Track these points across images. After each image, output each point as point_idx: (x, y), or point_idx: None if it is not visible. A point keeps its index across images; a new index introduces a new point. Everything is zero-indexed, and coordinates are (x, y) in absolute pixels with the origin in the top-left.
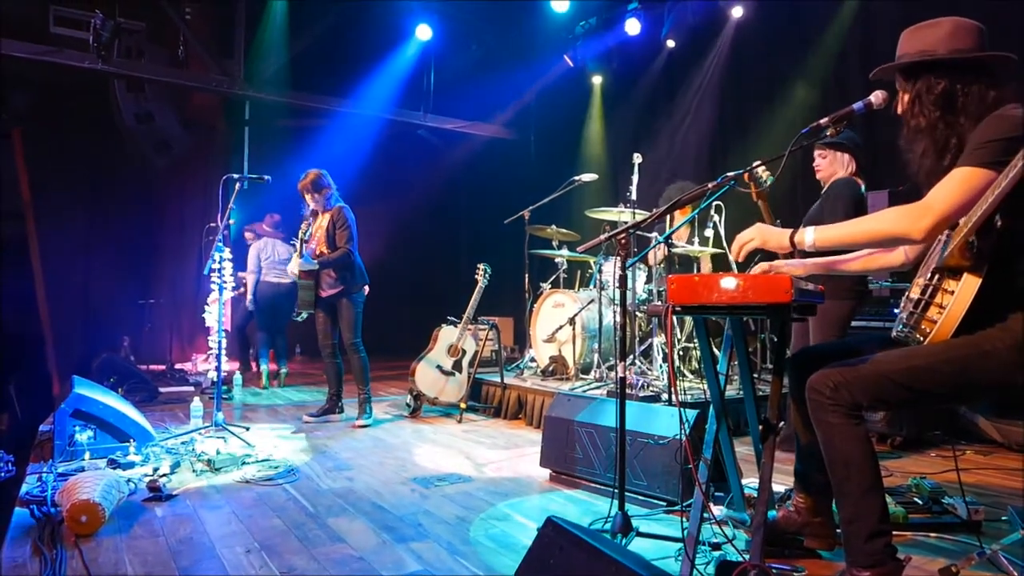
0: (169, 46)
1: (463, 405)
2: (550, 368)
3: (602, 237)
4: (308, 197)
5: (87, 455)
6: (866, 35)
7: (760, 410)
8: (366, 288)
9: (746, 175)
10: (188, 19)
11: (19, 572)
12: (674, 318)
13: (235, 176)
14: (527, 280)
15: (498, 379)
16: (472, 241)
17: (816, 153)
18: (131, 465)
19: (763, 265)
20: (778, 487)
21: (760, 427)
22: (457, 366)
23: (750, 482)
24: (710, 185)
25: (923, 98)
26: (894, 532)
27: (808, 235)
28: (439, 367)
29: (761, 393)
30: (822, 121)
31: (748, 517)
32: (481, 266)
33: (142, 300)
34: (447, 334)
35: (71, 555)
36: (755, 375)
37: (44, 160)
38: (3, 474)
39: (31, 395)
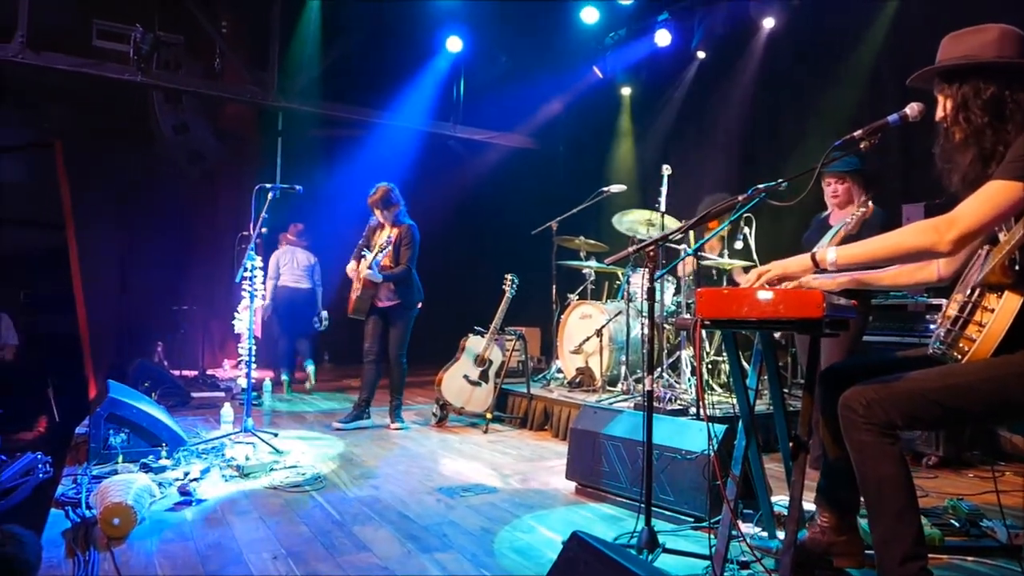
0: (205, 58)
1: (489, 415)
2: (577, 380)
3: (631, 249)
4: (377, 211)
5: (120, 458)
6: (901, 45)
7: (790, 426)
8: (420, 305)
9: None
10: (224, 32)
11: (53, 573)
12: (703, 331)
13: (267, 186)
14: (554, 291)
15: (524, 390)
16: (499, 252)
17: (831, 180)
18: (163, 469)
19: (760, 269)
20: (808, 505)
21: (791, 444)
22: (484, 376)
23: (779, 500)
24: (740, 198)
25: (970, 103)
26: (930, 556)
27: (830, 254)
28: (466, 377)
29: (791, 409)
30: (856, 134)
31: (774, 543)
32: (509, 276)
33: (175, 306)
34: (474, 344)
35: (103, 557)
36: (785, 390)
37: (84, 170)
38: (41, 475)
39: (68, 398)
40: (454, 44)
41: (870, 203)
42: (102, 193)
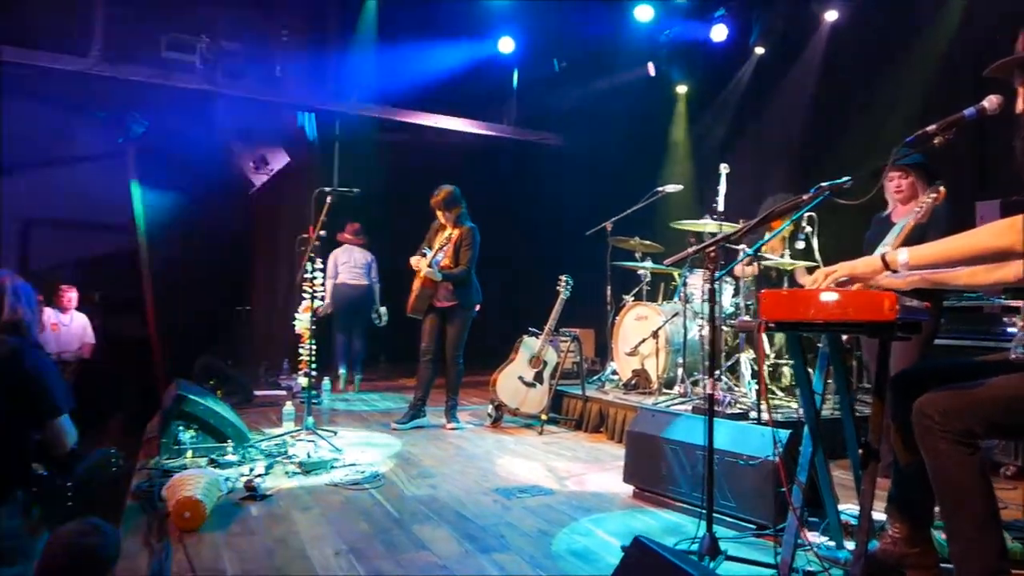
0: (267, 66)
1: (544, 417)
2: (632, 382)
3: (691, 250)
4: (439, 212)
5: (189, 453)
6: (974, 35)
7: (859, 432)
8: (478, 306)
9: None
10: (284, 39)
11: (129, 564)
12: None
13: (326, 189)
14: (609, 292)
15: (579, 391)
16: (553, 253)
17: (895, 174)
18: (229, 464)
19: (826, 270)
20: (878, 515)
21: (860, 451)
22: (538, 377)
23: (847, 509)
24: (804, 197)
25: None
26: (1013, 571)
27: (901, 255)
28: (520, 378)
29: (858, 414)
30: (929, 128)
31: (843, 553)
32: (563, 278)
33: (238, 307)
34: (529, 345)
35: (176, 549)
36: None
37: (154, 176)
38: (114, 469)
39: (140, 395)
40: (506, 45)
41: (941, 188)
42: (171, 198)
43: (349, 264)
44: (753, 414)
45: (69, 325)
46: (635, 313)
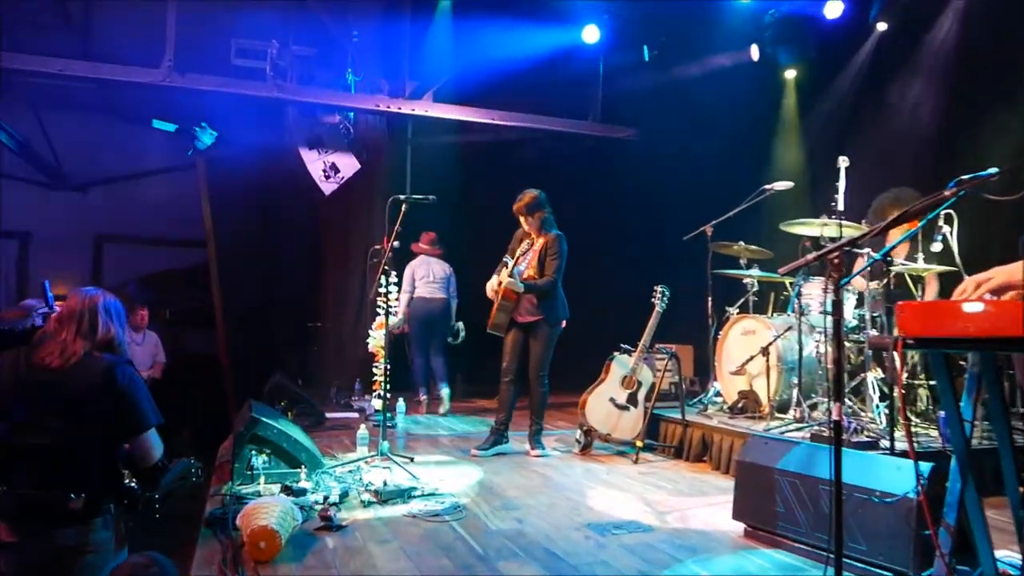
0: (338, 69)
1: (639, 443)
2: (739, 404)
3: (811, 256)
4: (522, 219)
5: (262, 479)
6: None
7: (1019, 466)
8: (564, 323)
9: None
10: (355, 41)
11: None
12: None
13: (400, 197)
14: (710, 304)
15: (679, 415)
16: (646, 261)
17: None
18: (303, 492)
19: (977, 278)
20: None
21: (1021, 488)
22: (632, 400)
23: (1005, 556)
24: (946, 192)
25: None
26: None
27: None
28: (612, 400)
29: (1018, 444)
30: None
31: None
32: (658, 288)
33: (309, 323)
34: (621, 364)
35: None
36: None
37: (225, 189)
38: (195, 480)
39: (210, 415)
40: (591, 34)
41: None
42: (242, 211)
43: (427, 278)
44: (883, 443)
45: (142, 344)
46: (741, 327)
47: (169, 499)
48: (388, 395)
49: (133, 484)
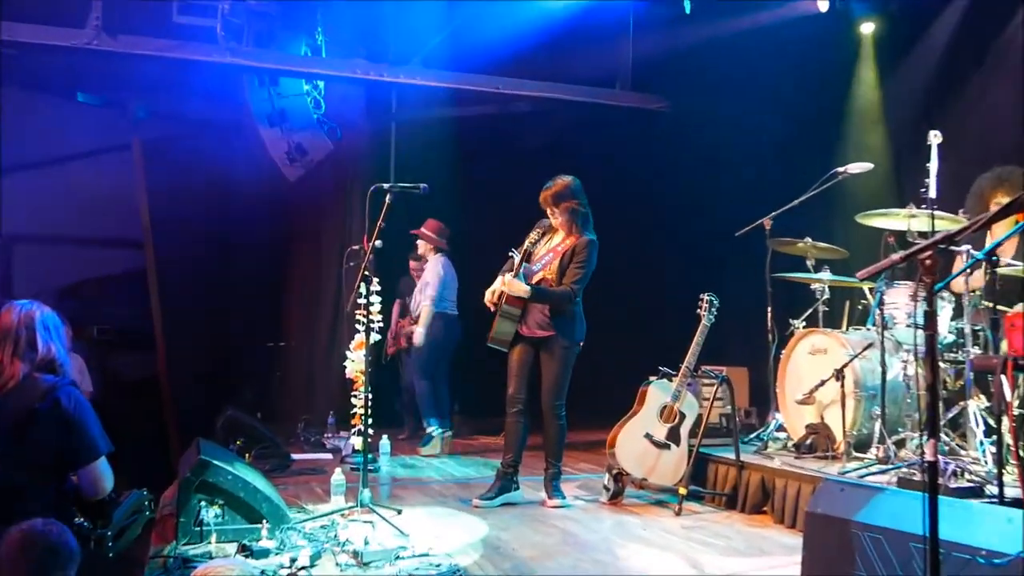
0: (305, 28)
1: (683, 490)
2: (808, 441)
3: (896, 257)
4: (550, 211)
5: (214, 537)
6: None
7: None
8: (581, 343)
9: None
10: None
11: None
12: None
13: (384, 186)
14: (769, 315)
15: (732, 455)
16: (688, 262)
17: None
18: (265, 553)
19: None
20: None
21: None
22: (673, 436)
23: None
24: None
25: None
26: None
27: None
28: (648, 437)
29: None
30: None
31: None
32: (705, 297)
33: (271, 343)
34: (659, 391)
35: None
36: None
37: (166, 176)
38: (148, 512)
39: (148, 457)
40: None
41: None
42: (187, 204)
43: (454, 286)
44: (990, 489)
45: None
46: (809, 344)
47: (122, 536)
48: (370, 431)
49: (83, 520)
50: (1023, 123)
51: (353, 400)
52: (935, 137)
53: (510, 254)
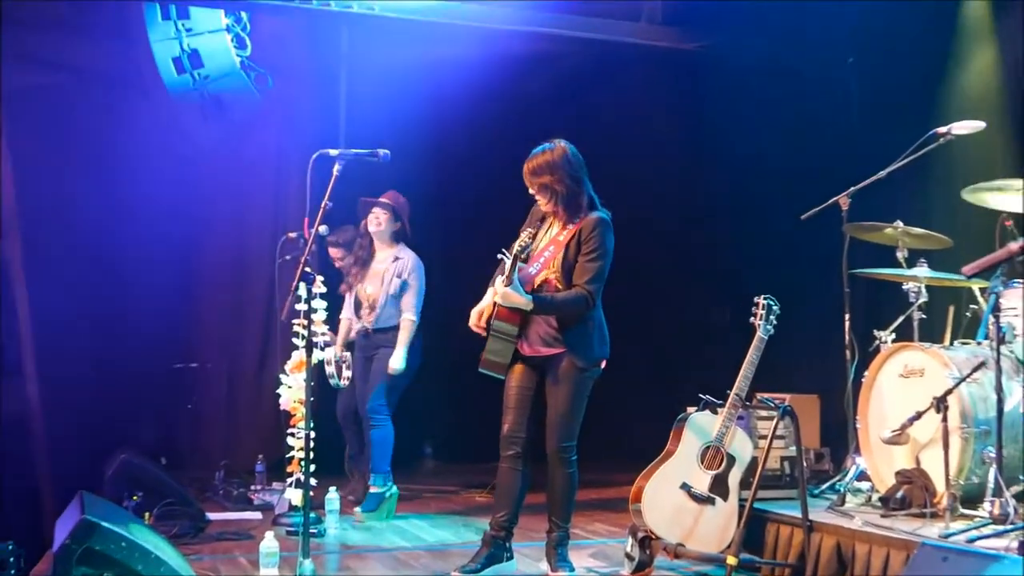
0: None
1: (732, 560)
2: (899, 494)
3: (1014, 246)
4: (534, 191)
5: None
6: None
7: None
8: (604, 362)
9: None
10: None
11: None
12: None
13: (331, 152)
14: (847, 325)
15: (797, 512)
16: (737, 254)
17: None
18: None
19: None
20: None
21: None
22: (719, 487)
23: None
24: None
25: None
26: None
27: None
28: (686, 488)
29: None
30: None
31: None
32: (760, 300)
33: (179, 364)
34: (699, 428)
35: None
36: None
37: (33, 144)
38: (12, 572)
39: (13, 517)
40: None
41: None
42: (64, 181)
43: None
44: None
45: None
46: (900, 364)
47: None
48: (313, 482)
49: None
50: None
51: (290, 440)
52: None
53: (499, 256)
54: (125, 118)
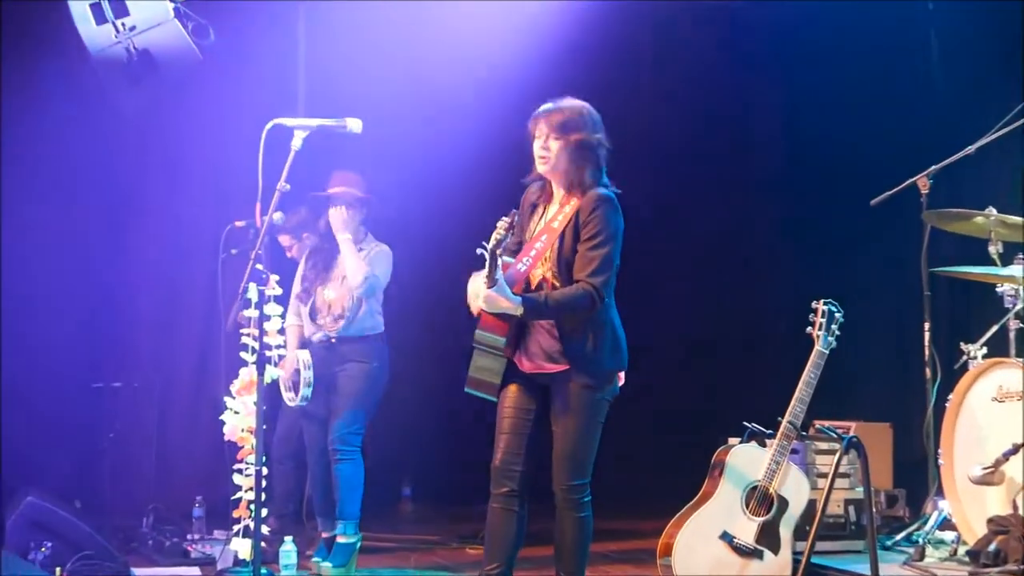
0: None
1: None
2: (991, 546)
3: None
4: (540, 145)
5: None
6: None
7: None
8: (622, 376)
9: None
10: None
11: None
12: None
13: (288, 122)
14: (926, 335)
15: (865, 568)
16: (791, 248)
17: None
18: None
19: None
20: None
21: None
22: (767, 537)
23: None
24: None
25: None
26: None
27: None
28: (727, 538)
29: None
30: None
31: None
32: (819, 306)
33: (99, 384)
34: (743, 464)
35: None
36: None
37: None
38: None
39: None
40: None
41: None
42: None
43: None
44: None
45: None
46: (994, 385)
47: None
48: (264, 530)
49: None
50: None
51: (236, 478)
52: None
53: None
54: (27, 82)
